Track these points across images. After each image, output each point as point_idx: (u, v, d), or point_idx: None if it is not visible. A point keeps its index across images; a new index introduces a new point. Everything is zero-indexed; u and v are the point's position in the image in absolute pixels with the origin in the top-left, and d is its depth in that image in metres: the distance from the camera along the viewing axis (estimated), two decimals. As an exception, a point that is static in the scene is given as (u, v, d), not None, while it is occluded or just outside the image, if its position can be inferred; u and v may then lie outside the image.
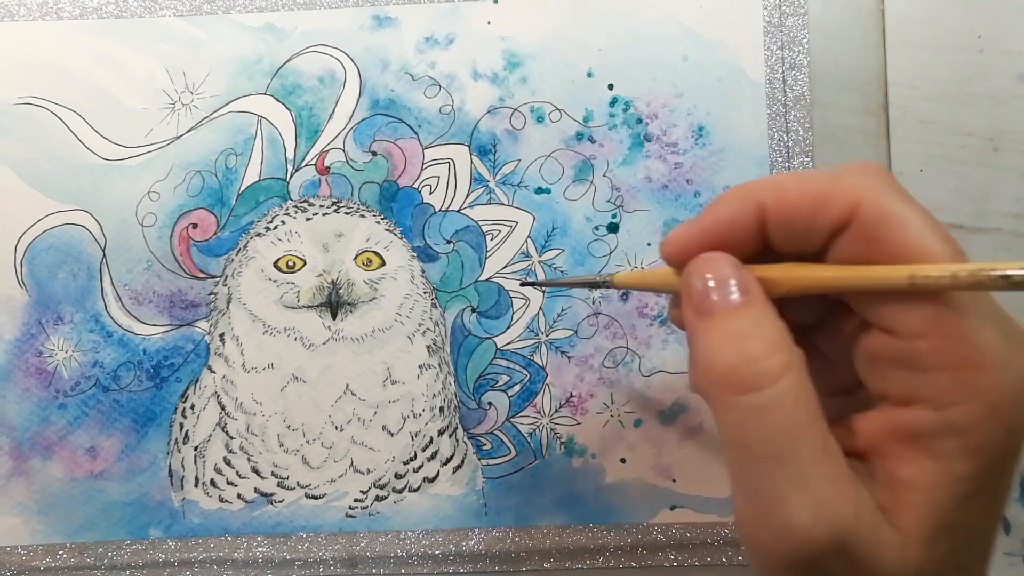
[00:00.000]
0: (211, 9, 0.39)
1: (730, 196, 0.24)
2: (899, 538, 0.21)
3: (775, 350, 0.22)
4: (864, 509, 0.21)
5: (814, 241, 0.23)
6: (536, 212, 0.38)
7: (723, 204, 0.25)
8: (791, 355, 0.22)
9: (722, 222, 0.24)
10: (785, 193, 0.23)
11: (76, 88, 0.39)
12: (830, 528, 0.20)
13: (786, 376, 0.21)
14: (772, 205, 0.24)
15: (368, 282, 0.38)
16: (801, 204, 0.23)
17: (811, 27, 0.38)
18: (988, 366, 0.20)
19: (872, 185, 0.22)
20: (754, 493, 0.22)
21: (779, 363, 0.21)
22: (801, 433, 0.21)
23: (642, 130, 0.38)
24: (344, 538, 0.38)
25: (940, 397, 0.21)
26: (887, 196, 0.22)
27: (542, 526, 0.38)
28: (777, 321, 0.23)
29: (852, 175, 0.23)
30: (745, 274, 0.23)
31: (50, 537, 0.38)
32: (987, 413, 0.20)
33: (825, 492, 0.21)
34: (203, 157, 0.39)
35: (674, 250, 0.25)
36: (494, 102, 0.38)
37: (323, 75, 0.39)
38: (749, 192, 0.24)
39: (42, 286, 0.38)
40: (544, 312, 0.38)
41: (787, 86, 0.38)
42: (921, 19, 0.39)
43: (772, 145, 0.38)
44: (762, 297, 0.23)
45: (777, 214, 0.24)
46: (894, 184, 0.23)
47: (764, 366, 0.21)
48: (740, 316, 0.23)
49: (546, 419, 0.38)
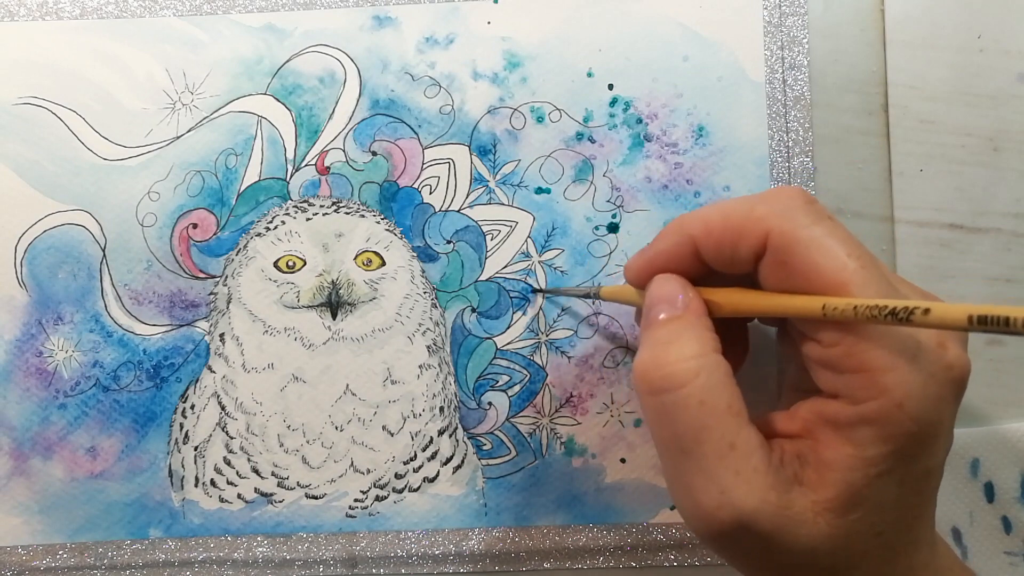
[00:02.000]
0: (211, 9, 0.39)
1: (668, 231, 0.29)
2: (811, 512, 0.24)
3: (686, 358, 0.26)
4: (770, 494, 0.24)
5: (743, 266, 0.27)
6: (536, 212, 0.38)
7: (663, 238, 0.29)
8: (701, 363, 0.25)
9: (662, 254, 0.29)
10: (709, 227, 0.27)
11: (76, 88, 0.39)
12: (734, 511, 0.24)
13: (693, 381, 0.25)
14: (700, 239, 0.28)
15: (368, 282, 0.38)
16: (723, 236, 0.27)
17: (811, 27, 0.39)
18: (891, 369, 0.24)
19: (782, 213, 0.26)
20: (673, 479, 0.26)
21: (686, 369, 0.25)
22: (706, 431, 0.25)
23: (642, 130, 0.38)
24: (344, 538, 0.38)
25: (855, 394, 0.24)
26: (796, 223, 0.25)
27: (542, 526, 0.38)
28: (701, 333, 0.26)
29: (765, 204, 0.26)
30: (689, 293, 0.28)
31: (50, 537, 0.38)
32: (895, 407, 0.24)
33: (728, 482, 0.24)
34: (203, 157, 0.39)
35: (631, 275, 0.30)
36: (494, 102, 0.39)
37: (323, 75, 0.39)
38: (682, 227, 0.28)
39: (42, 286, 0.38)
40: (544, 312, 0.38)
41: (787, 86, 0.38)
42: (921, 19, 0.39)
43: (772, 145, 0.38)
44: (696, 313, 0.27)
45: (705, 246, 0.27)
46: (807, 208, 0.26)
47: (672, 370, 0.25)
48: (667, 327, 0.27)
49: (546, 419, 0.38)
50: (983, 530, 0.38)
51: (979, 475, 0.38)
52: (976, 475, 0.38)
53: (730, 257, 0.27)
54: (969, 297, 0.38)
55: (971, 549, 0.38)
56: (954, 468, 0.38)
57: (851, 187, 0.39)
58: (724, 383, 0.26)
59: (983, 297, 0.38)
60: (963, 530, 0.38)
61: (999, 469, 0.38)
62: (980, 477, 0.38)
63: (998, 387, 0.38)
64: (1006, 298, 0.38)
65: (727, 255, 0.27)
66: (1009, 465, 0.38)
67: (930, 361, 0.24)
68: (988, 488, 0.38)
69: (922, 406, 0.24)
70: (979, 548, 0.38)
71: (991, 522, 0.38)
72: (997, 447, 0.38)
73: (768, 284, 0.27)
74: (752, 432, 0.25)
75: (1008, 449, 0.38)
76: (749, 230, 0.26)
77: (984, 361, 0.38)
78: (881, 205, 0.38)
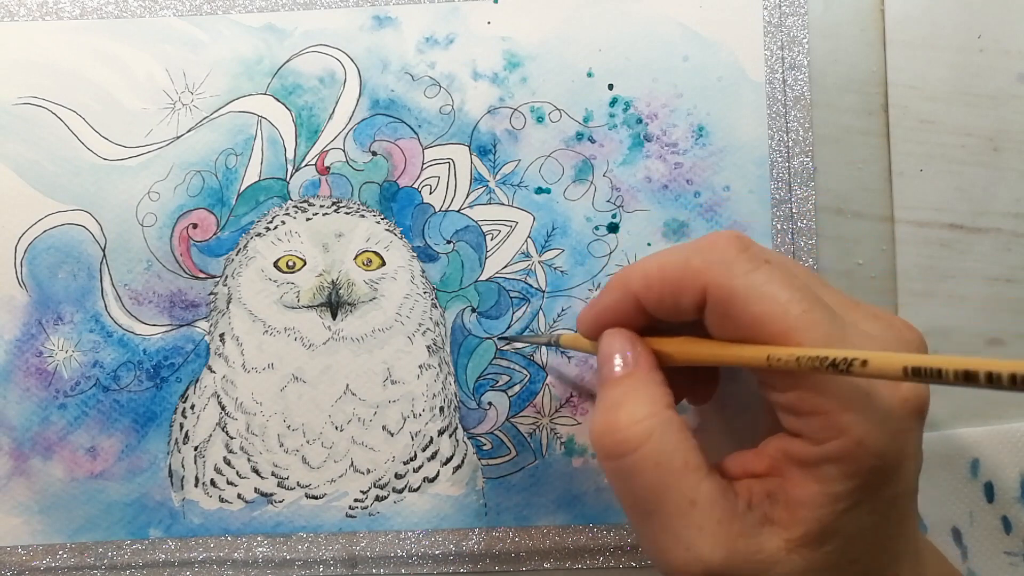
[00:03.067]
0: (211, 9, 0.39)
1: (612, 285, 0.29)
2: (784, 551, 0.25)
3: (638, 420, 0.25)
4: (737, 542, 0.24)
5: (687, 316, 0.27)
6: (536, 212, 0.38)
7: (607, 292, 0.29)
8: (652, 423, 0.25)
9: (609, 309, 0.29)
10: (648, 282, 0.27)
11: (76, 88, 0.39)
12: (702, 566, 0.24)
13: (646, 444, 0.25)
14: (641, 294, 0.27)
15: (368, 282, 0.38)
16: (663, 291, 0.27)
17: (811, 27, 0.39)
18: (847, 410, 0.24)
19: (718, 263, 0.25)
20: (642, 537, 0.27)
21: (639, 432, 0.25)
22: (665, 491, 0.25)
23: (642, 130, 0.38)
24: (344, 538, 0.38)
25: (816, 435, 0.24)
26: (731, 273, 0.25)
27: (542, 526, 0.38)
28: (652, 390, 0.26)
29: (700, 255, 0.26)
30: (638, 348, 0.28)
31: (50, 537, 0.38)
32: (855, 446, 0.24)
33: (692, 539, 0.24)
34: (203, 157, 0.39)
35: (583, 329, 0.30)
36: (494, 102, 0.39)
37: (323, 75, 0.39)
38: (624, 282, 0.28)
39: (42, 286, 0.38)
40: (544, 312, 0.38)
41: (787, 86, 0.38)
42: (921, 19, 0.39)
43: (772, 145, 0.38)
44: (646, 369, 0.27)
45: (647, 301, 0.27)
46: (743, 256, 0.25)
47: (625, 435, 0.25)
48: (617, 387, 0.27)
49: (546, 419, 0.38)
50: (983, 530, 0.38)
51: (979, 475, 0.38)
52: (976, 475, 0.38)
53: (673, 309, 0.27)
54: (969, 297, 0.38)
55: (971, 549, 0.38)
56: (954, 468, 0.38)
57: (851, 187, 0.38)
58: (678, 440, 0.25)
59: (983, 297, 0.38)
60: (963, 530, 0.38)
61: (999, 469, 0.38)
62: (980, 477, 0.38)
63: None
64: (1006, 298, 0.38)
65: (669, 308, 0.27)
66: (1009, 465, 0.38)
67: (884, 398, 0.24)
68: (988, 488, 0.38)
69: (882, 441, 0.24)
70: (979, 548, 0.38)
71: (991, 522, 0.38)
72: (997, 447, 0.38)
73: (715, 333, 0.26)
74: (712, 483, 0.25)
75: (1008, 449, 0.38)
76: (687, 284, 0.26)
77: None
78: (881, 205, 0.38)
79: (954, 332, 0.38)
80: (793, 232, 0.38)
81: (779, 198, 0.38)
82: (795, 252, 0.38)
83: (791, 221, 0.38)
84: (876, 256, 0.38)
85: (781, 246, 0.38)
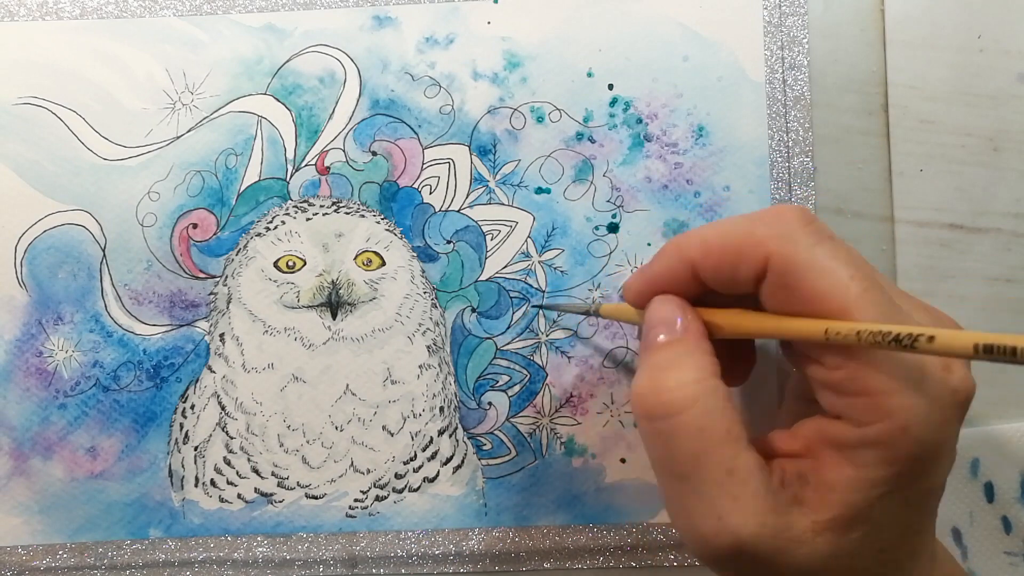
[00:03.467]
0: (211, 9, 0.39)
1: (666, 251, 0.28)
2: (811, 532, 0.24)
3: (685, 384, 0.25)
4: (768, 517, 0.24)
5: (743, 288, 0.27)
6: (536, 212, 0.38)
7: (660, 259, 0.28)
8: (699, 388, 0.25)
9: (661, 275, 0.28)
10: (708, 249, 0.27)
11: (76, 88, 0.39)
12: (732, 537, 0.24)
13: (691, 408, 0.25)
14: (698, 261, 0.27)
15: (368, 282, 0.38)
16: (722, 259, 0.26)
17: (811, 27, 0.39)
18: (896, 393, 0.23)
19: (782, 235, 0.25)
20: (672, 502, 0.26)
21: (685, 396, 0.25)
22: (704, 457, 0.25)
23: (642, 130, 0.38)
24: (344, 538, 0.38)
25: (859, 416, 0.24)
26: (796, 246, 0.25)
27: (542, 526, 0.38)
28: (700, 358, 0.26)
29: (765, 225, 0.26)
30: (688, 316, 0.27)
31: (50, 537, 0.38)
32: (899, 431, 0.23)
33: (725, 508, 0.24)
34: (203, 157, 0.39)
35: (630, 296, 0.30)
36: (494, 102, 0.39)
37: (323, 75, 0.39)
38: (680, 249, 0.27)
39: (42, 286, 0.38)
40: (544, 312, 0.38)
41: (787, 86, 0.38)
42: (921, 19, 0.39)
43: (772, 145, 0.38)
44: (696, 337, 0.27)
45: (704, 269, 0.27)
46: (808, 229, 0.25)
47: (671, 397, 0.25)
48: (665, 351, 0.27)
49: (546, 419, 0.38)
50: (983, 530, 0.38)
51: (979, 475, 0.38)
52: (976, 475, 0.38)
53: (730, 279, 0.27)
54: (969, 297, 0.38)
55: (971, 549, 0.38)
56: (954, 468, 0.38)
57: (851, 187, 0.39)
58: (723, 409, 0.25)
59: (983, 297, 0.38)
60: (963, 530, 0.38)
61: (999, 469, 0.38)
62: (980, 477, 0.38)
63: (998, 387, 0.38)
64: (1006, 298, 0.38)
65: (726, 277, 0.27)
66: (1009, 465, 0.38)
67: (935, 385, 0.24)
68: (988, 488, 0.38)
69: (927, 430, 0.24)
70: (979, 548, 0.38)
71: (991, 522, 0.38)
72: (997, 447, 0.38)
73: (770, 305, 0.26)
74: (751, 456, 0.25)
75: (1008, 449, 0.38)
76: (749, 253, 0.25)
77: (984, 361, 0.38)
78: (881, 205, 0.39)
79: (954, 332, 0.38)
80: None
81: (779, 198, 0.38)
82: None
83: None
84: (876, 256, 0.38)
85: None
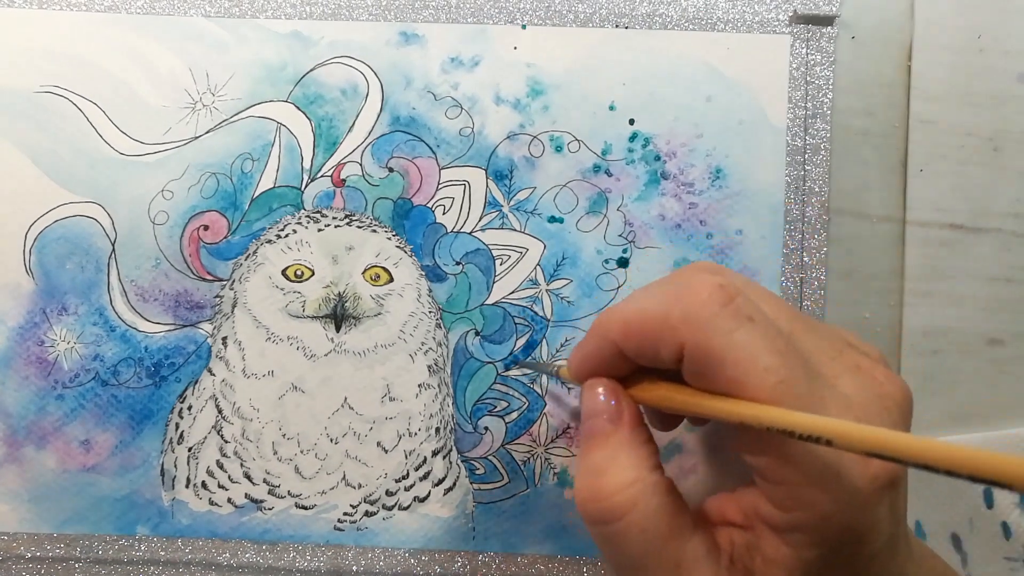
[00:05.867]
0: (239, 12, 0.39)
1: (594, 330, 0.28)
2: None
3: (623, 487, 0.25)
4: None
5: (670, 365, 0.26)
6: (547, 240, 0.38)
7: (590, 338, 0.28)
8: (637, 490, 0.25)
9: (591, 356, 0.28)
10: (628, 330, 0.26)
11: (98, 80, 0.39)
12: None
13: (631, 512, 0.25)
14: (621, 342, 0.27)
15: (374, 297, 0.38)
16: (643, 342, 0.26)
17: (836, 73, 0.38)
18: (813, 483, 0.23)
19: (697, 321, 0.25)
20: None
21: (624, 500, 0.25)
22: (650, 556, 0.25)
23: (660, 167, 0.38)
24: (331, 551, 0.38)
25: (782, 503, 0.24)
26: (710, 333, 0.24)
27: (529, 554, 0.38)
28: (638, 451, 0.26)
29: (681, 307, 0.25)
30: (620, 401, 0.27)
31: (38, 526, 0.38)
32: (821, 520, 0.23)
33: None
34: (220, 159, 0.39)
35: (571, 373, 0.29)
36: (514, 128, 0.38)
37: (346, 87, 0.39)
38: (604, 329, 0.27)
39: (49, 276, 0.38)
40: (548, 341, 0.38)
41: (808, 134, 0.38)
42: (921, 19, 0.39)
43: (788, 193, 0.38)
44: (630, 426, 0.27)
45: (627, 349, 0.27)
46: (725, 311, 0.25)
47: (611, 504, 0.25)
48: (600, 450, 0.27)
49: (541, 448, 0.38)
50: (983, 536, 0.38)
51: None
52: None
53: (653, 359, 0.26)
54: (969, 297, 0.38)
55: (971, 555, 0.38)
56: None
57: (855, 187, 0.38)
58: (663, 505, 0.25)
59: (983, 297, 0.38)
60: (963, 536, 0.38)
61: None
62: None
63: (998, 388, 0.38)
64: (1006, 298, 0.38)
65: (650, 358, 0.26)
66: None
67: (853, 474, 0.24)
68: (988, 494, 0.38)
69: (849, 516, 0.24)
70: (979, 554, 0.38)
71: (991, 528, 0.38)
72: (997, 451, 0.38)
73: (694, 384, 0.26)
74: (697, 544, 0.25)
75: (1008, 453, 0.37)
76: (666, 338, 0.25)
77: (984, 361, 0.38)
78: (885, 206, 0.38)
79: (954, 332, 0.38)
80: (802, 282, 0.38)
81: (792, 248, 0.38)
82: (801, 300, 0.38)
83: (802, 270, 0.38)
84: (878, 256, 0.38)
85: (789, 296, 0.38)
